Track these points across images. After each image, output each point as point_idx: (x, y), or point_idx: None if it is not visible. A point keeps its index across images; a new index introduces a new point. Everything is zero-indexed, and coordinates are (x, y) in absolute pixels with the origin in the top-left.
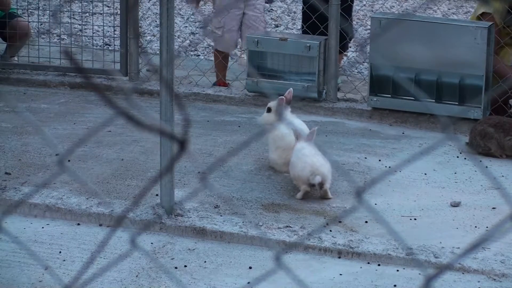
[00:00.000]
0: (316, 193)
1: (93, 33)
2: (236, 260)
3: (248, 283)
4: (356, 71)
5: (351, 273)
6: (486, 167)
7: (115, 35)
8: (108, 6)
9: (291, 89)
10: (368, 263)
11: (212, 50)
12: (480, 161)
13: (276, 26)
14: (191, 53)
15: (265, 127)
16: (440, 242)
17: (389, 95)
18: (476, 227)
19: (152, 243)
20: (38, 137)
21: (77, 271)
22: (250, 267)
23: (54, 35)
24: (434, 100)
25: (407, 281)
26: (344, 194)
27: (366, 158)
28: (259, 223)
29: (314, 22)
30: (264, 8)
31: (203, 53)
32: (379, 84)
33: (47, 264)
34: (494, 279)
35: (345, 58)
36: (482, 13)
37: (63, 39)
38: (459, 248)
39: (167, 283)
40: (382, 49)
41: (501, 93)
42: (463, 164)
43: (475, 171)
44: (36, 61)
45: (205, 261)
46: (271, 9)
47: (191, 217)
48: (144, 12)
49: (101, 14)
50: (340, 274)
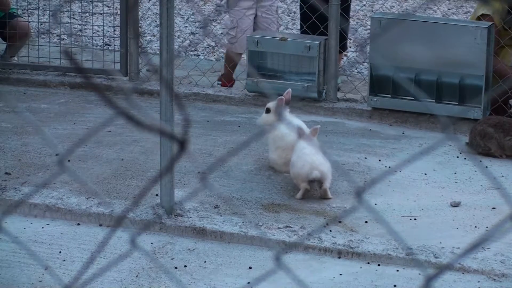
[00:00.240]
0: (316, 193)
1: (93, 33)
2: (236, 260)
3: (248, 283)
4: (356, 71)
5: (351, 273)
6: (486, 167)
7: (115, 35)
8: (108, 6)
9: (290, 90)
10: (368, 263)
11: (218, 53)
12: (480, 161)
13: (278, 26)
14: (191, 53)
15: (265, 128)
16: (440, 242)
17: (389, 95)
18: (476, 227)
19: (152, 243)
20: (38, 137)
21: (77, 271)
22: (250, 267)
23: (54, 35)
24: (434, 100)
25: (407, 281)
26: (344, 194)
27: (366, 158)
28: (259, 223)
29: (314, 22)
30: (277, 10)
31: (203, 53)
32: (379, 84)
33: (47, 264)
34: (494, 279)
35: (345, 58)
36: (482, 15)
37: (63, 39)
38: (459, 248)
39: (167, 283)
40: (382, 49)
41: (501, 93)
42: (463, 164)
43: (475, 171)
44: (36, 61)
45: (205, 261)
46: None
47: (191, 217)
48: (144, 12)
49: (101, 14)
50: (340, 274)
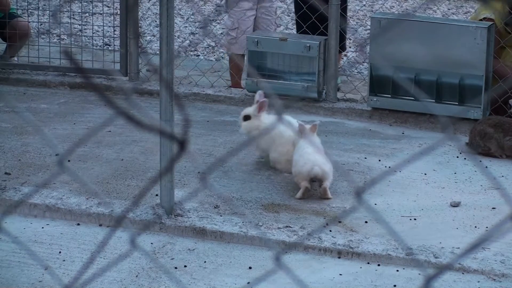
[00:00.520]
0: (316, 193)
1: (93, 33)
2: (236, 260)
3: (248, 283)
4: (356, 71)
5: (351, 273)
6: (486, 167)
7: (115, 35)
8: (108, 6)
9: (261, 92)
10: (368, 263)
11: (218, 53)
12: (480, 161)
13: (276, 26)
14: (191, 53)
15: (251, 134)
16: (440, 242)
17: (389, 95)
18: (476, 227)
19: (152, 243)
20: (38, 137)
21: (77, 271)
22: (250, 267)
23: (54, 35)
24: (434, 100)
25: (407, 281)
26: (344, 194)
27: (366, 158)
28: (259, 223)
29: (310, 21)
30: (276, 11)
31: (203, 53)
32: (379, 84)
33: (47, 264)
34: (494, 279)
35: (345, 58)
36: (484, 18)
37: (63, 39)
38: (459, 248)
39: (167, 283)
40: (382, 49)
41: (501, 93)
42: (463, 164)
43: (475, 171)
44: (36, 61)
45: (205, 261)
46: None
47: (191, 217)
48: (144, 12)
49: (101, 14)
50: (340, 274)
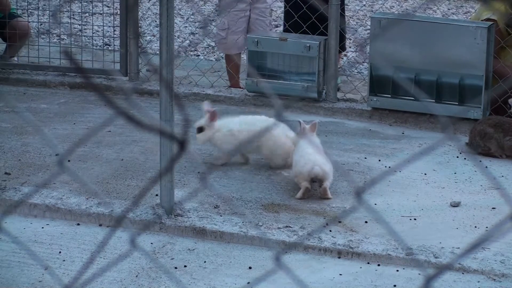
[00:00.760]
0: (316, 193)
1: (93, 33)
2: (236, 260)
3: (248, 283)
4: (356, 71)
5: (351, 273)
6: (486, 167)
7: (115, 35)
8: (108, 6)
9: (207, 102)
10: (368, 263)
11: (218, 53)
12: (480, 161)
13: (276, 27)
14: (191, 53)
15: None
16: (440, 242)
17: (389, 95)
18: (476, 227)
19: (152, 243)
20: (38, 137)
21: (77, 271)
22: (250, 267)
23: (54, 35)
24: (434, 100)
25: (407, 281)
26: (344, 194)
27: (366, 158)
28: (259, 223)
29: (310, 21)
30: (271, 12)
31: (203, 53)
32: (379, 84)
33: (47, 264)
34: (494, 279)
35: (345, 58)
36: (486, 19)
37: (63, 39)
38: (459, 248)
39: (167, 283)
40: (382, 49)
41: (501, 93)
42: (463, 164)
43: (475, 171)
44: (36, 61)
45: (205, 261)
46: (271, 10)
47: (191, 217)
48: (144, 12)
49: (101, 14)
50: (340, 274)
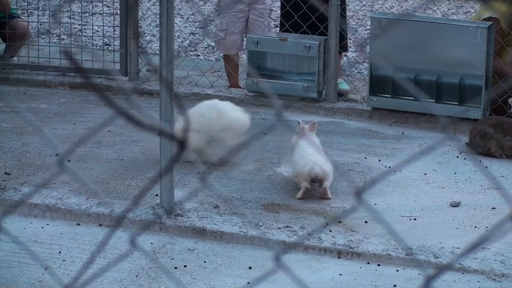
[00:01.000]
0: (316, 193)
1: (93, 33)
2: (236, 260)
3: (248, 283)
4: (356, 71)
5: (351, 273)
6: (486, 167)
7: (115, 35)
8: (108, 6)
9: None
10: (368, 263)
11: (218, 53)
12: (480, 161)
13: (276, 27)
14: (191, 53)
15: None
16: (440, 242)
17: (389, 95)
18: (476, 227)
19: (152, 243)
20: (38, 137)
21: (77, 271)
22: (250, 267)
23: (54, 35)
24: (434, 100)
25: (407, 281)
26: (344, 194)
27: (366, 158)
28: (259, 223)
29: (310, 21)
30: (269, 14)
31: (203, 53)
32: (379, 84)
33: (47, 264)
34: (494, 279)
35: (345, 58)
36: (488, 18)
37: (63, 39)
38: (459, 248)
39: (167, 283)
40: (382, 49)
41: (501, 93)
42: (463, 164)
43: (475, 171)
44: (36, 61)
45: (205, 261)
46: (271, 9)
47: (191, 217)
48: (144, 12)
49: (101, 14)
50: (340, 274)
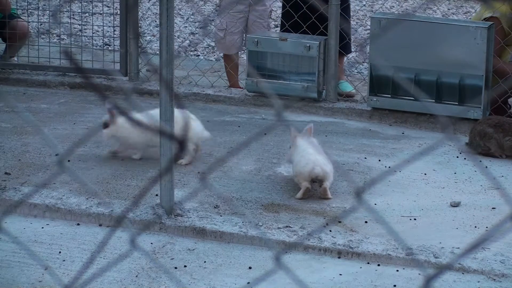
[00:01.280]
0: (316, 193)
1: (93, 33)
2: (236, 260)
3: (248, 283)
4: (356, 71)
5: (351, 273)
6: (486, 167)
7: (115, 35)
8: (108, 6)
9: (109, 100)
10: (368, 263)
11: (218, 53)
12: (480, 161)
13: (276, 26)
14: (191, 53)
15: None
16: (440, 242)
17: (389, 95)
18: (476, 227)
19: (152, 243)
20: (38, 137)
21: (77, 271)
22: (250, 267)
23: (54, 35)
24: (434, 100)
25: (407, 281)
26: (344, 194)
27: (366, 158)
28: (259, 223)
29: (310, 21)
30: (269, 15)
31: (203, 53)
32: (379, 84)
33: (47, 264)
34: (494, 279)
35: (345, 58)
36: (489, 18)
37: (63, 39)
38: (459, 248)
39: (167, 283)
40: (382, 49)
41: (501, 93)
42: (463, 164)
43: (475, 171)
44: (36, 61)
45: (205, 261)
46: (271, 10)
47: (191, 217)
48: (144, 12)
49: (101, 14)
50: (340, 274)
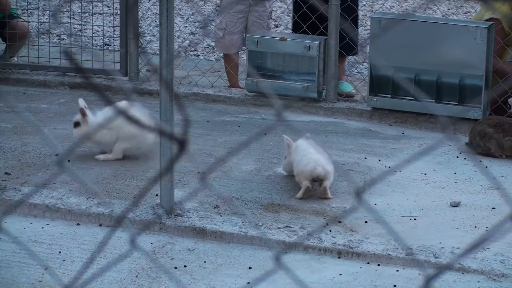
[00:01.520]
0: (316, 193)
1: (93, 33)
2: (236, 260)
3: (248, 283)
4: (356, 71)
5: (351, 273)
6: (486, 167)
7: (115, 35)
8: (108, 6)
9: (81, 99)
10: (368, 263)
11: (218, 53)
12: (480, 161)
13: (276, 26)
14: (191, 53)
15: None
16: (440, 242)
17: (389, 95)
18: (476, 227)
19: (152, 243)
20: (38, 137)
21: (77, 271)
22: (250, 267)
23: (54, 35)
24: (434, 100)
25: (407, 281)
26: (344, 194)
27: (366, 158)
28: (259, 223)
29: (310, 21)
30: (269, 16)
31: (203, 53)
32: (379, 84)
33: (47, 264)
34: (494, 279)
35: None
36: (490, 19)
37: (63, 39)
38: (459, 248)
39: (167, 283)
40: (382, 49)
41: (501, 93)
42: (463, 164)
43: (475, 171)
44: (36, 61)
45: (205, 261)
46: (272, 11)
47: (191, 217)
48: (144, 12)
49: (101, 14)
50: (340, 274)
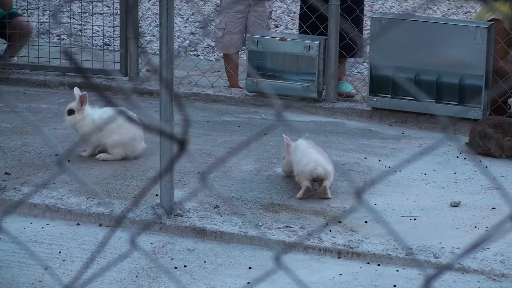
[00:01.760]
0: (316, 193)
1: (93, 33)
2: (236, 260)
3: (248, 283)
4: (356, 71)
5: (351, 273)
6: (486, 167)
7: (115, 35)
8: (108, 6)
9: (77, 88)
10: (368, 263)
11: (218, 53)
12: (480, 161)
13: (276, 26)
14: (191, 53)
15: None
16: (440, 242)
17: (389, 95)
18: (476, 227)
19: (152, 243)
20: (38, 137)
21: (77, 271)
22: (250, 267)
23: (54, 35)
24: (434, 100)
25: (407, 281)
26: (344, 194)
27: (366, 158)
28: (259, 223)
29: (313, 22)
30: (269, 16)
31: (203, 53)
32: (379, 84)
33: (47, 264)
34: (494, 279)
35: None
36: (491, 19)
37: (63, 39)
38: (459, 248)
39: (167, 283)
40: (382, 49)
41: (501, 93)
42: (463, 164)
43: (475, 171)
44: (36, 61)
45: (205, 261)
46: (271, 11)
47: (191, 217)
48: (144, 12)
49: (101, 14)
50: (340, 274)
